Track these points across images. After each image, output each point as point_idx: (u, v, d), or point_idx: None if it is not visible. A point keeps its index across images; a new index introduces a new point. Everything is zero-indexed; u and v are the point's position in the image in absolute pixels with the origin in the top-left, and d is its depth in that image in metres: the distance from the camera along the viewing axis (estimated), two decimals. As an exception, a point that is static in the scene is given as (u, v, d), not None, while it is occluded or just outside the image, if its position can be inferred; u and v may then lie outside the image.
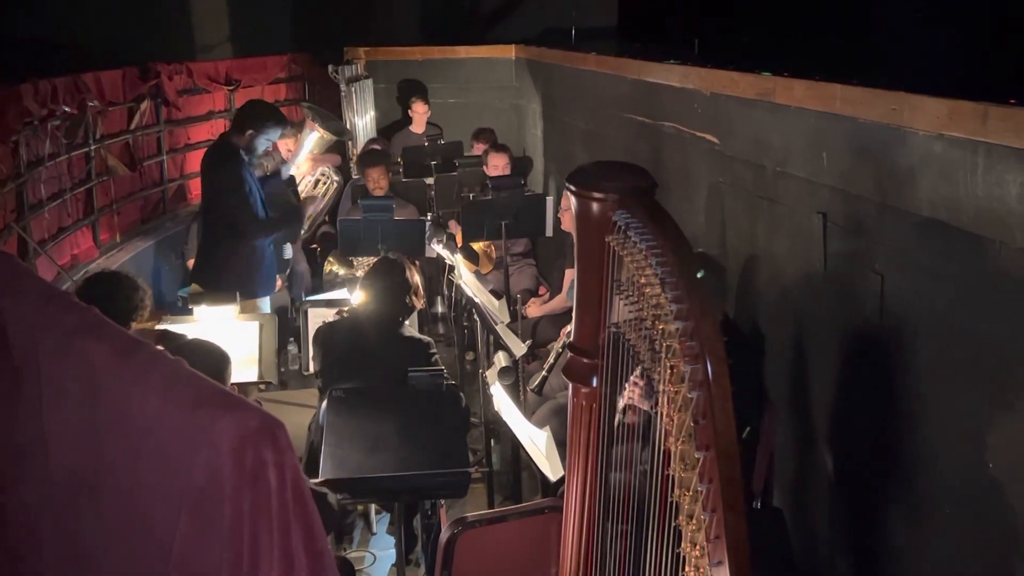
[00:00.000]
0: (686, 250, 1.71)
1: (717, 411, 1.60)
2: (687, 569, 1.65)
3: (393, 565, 4.06)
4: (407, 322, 4.12)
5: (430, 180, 7.24)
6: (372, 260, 6.17)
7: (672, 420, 1.66)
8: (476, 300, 4.60)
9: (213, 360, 2.92)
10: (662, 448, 1.73)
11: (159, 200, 7.13)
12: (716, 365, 1.60)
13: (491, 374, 4.01)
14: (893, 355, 2.98)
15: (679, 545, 1.68)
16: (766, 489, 3.52)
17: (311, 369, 4.49)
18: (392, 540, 4.11)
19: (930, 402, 2.81)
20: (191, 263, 5.59)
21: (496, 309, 4.54)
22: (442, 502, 3.89)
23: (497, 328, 4.30)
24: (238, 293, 4.61)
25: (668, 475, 1.68)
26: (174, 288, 6.28)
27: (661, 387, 1.70)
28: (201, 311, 4.46)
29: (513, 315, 4.83)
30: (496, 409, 3.85)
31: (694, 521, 1.61)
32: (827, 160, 3.31)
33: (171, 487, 0.97)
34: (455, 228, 6.52)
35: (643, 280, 1.71)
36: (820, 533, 3.48)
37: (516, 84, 9.09)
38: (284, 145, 7.40)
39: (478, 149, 7.67)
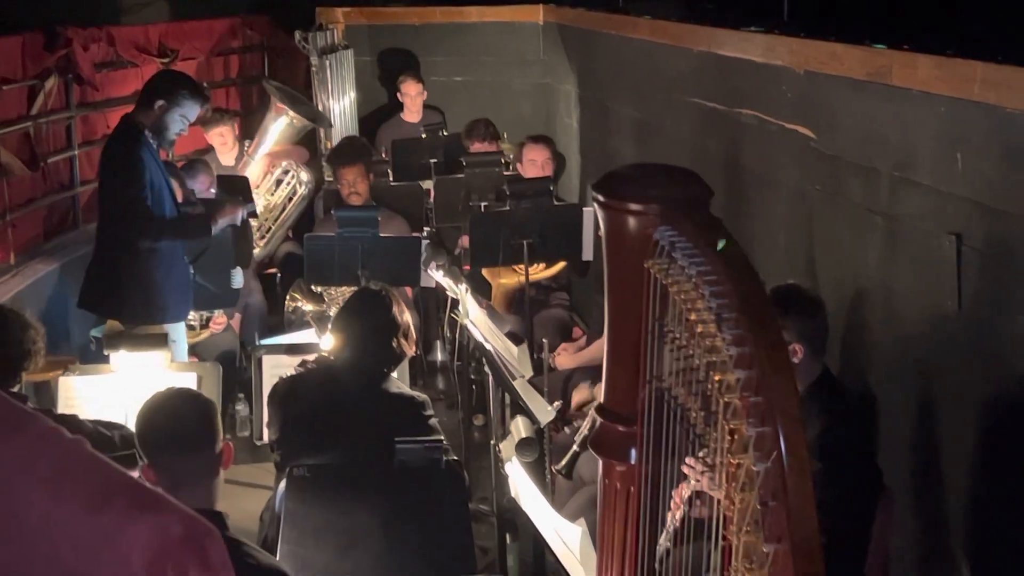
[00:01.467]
0: (751, 278, 1.70)
1: (792, 490, 1.57)
2: None
3: None
4: (394, 374, 4.11)
5: (428, 184, 7.26)
6: (349, 291, 6.25)
7: (732, 503, 1.65)
8: (487, 346, 4.59)
9: (200, 410, 2.96)
10: (720, 542, 1.73)
11: (68, 209, 7.18)
12: (790, 427, 1.58)
13: (507, 447, 3.99)
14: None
15: None
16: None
17: (265, 438, 4.48)
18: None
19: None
20: None
21: (514, 358, 4.51)
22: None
23: (515, 384, 4.28)
24: (167, 336, 4.63)
25: None
26: (85, 326, 6.30)
27: (718, 459, 1.70)
28: (120, 358, 4.48)
29: (537, 367, 4.81)
30: (513, 495, 3.82)
31: None
32: (962, 163, 3.30)
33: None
34: (466, 244, 6.53)
35: (693, 317, 1.71)
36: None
37: (544, 57, 9.14)
38: (219, 139, 7.45)
39: (478, 150, 7.63)
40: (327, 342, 4.38)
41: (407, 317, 4.10)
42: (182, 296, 5.31)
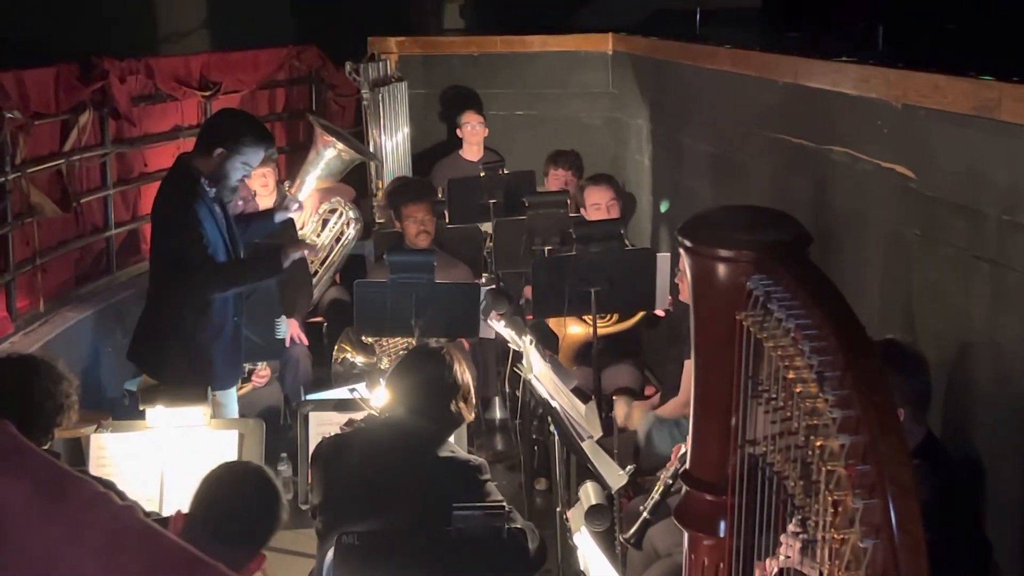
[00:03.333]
0: (857, 331, 1.67)
1: (904, 570, 1.53)
2: None
3: None
4: (451, 438, 4.09)
5: (487, 227, 7.28)
6: (402, 343, 6.26)
7: None
8: (553, 403, 4.57)
9: (264, 494, 3.00)
10: None
11: (101, 252, 7.26)
12: (902, 499, 1.55)
13: (575, 516, 3.97)
14: None
15: None
16: None
17: (311, 501, 4.48)
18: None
19: None
20: None
21: (582, 417, 4.50)
22: None
23: (584, 446, 4.26)
24: (208, 389, 4.66)
25: None
26: (119, 379, 6.35)
27: (820, 533, 1.67)
28: (156, 414, 4.51)
29: (607, 426, 4.79)
30: (583, 569, 3.80)
31: None
32: (1078, 205, 3.26)
33: None
34: (529, 295, 6.53)
35: (791, 375, 1.70)
36: None
37: (614, 90, 9.16)
38: (260, 181, 7.44)
39: (556, 181, 7.69)
40: (378, 398, 4.38)
41: (467, 378, 4.08)
42: (231, 361, 5.30)
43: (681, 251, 1.98)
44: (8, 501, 1.01)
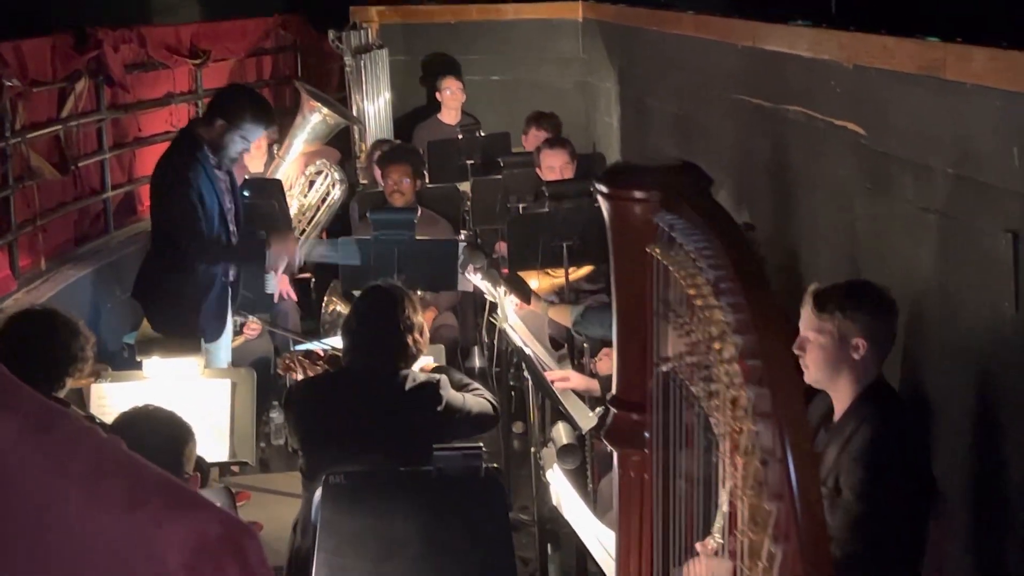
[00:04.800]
0: (746, 249, 1.80)
1: (792, 448, 1.62)
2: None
3: None
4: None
5: (465, 186, 7.27)
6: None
7: (737, 469, 1.73)
8: (527, 351, 4.58)
9: (169, 435, 2.95)
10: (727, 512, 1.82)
11: (99, 214, 7.22)
12: (787, 388, 1.65)
13: (548, 455, 3.98)
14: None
15: None
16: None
17: (290, 445, 4.50)
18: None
19: None
20: None
21: (555, 363, 4.51)
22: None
23: (556, 390, 4.28)
24: (202, 341, 4.66)
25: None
26: (118, 333, 6.34)
27: (721, 429, 1.77)
28: (153, 365, 4.51)
29: (578, 372, 4.80)
30: (555, 503, 3.82)
31: None
32: (1020, 158, 3.26)
33: (98, 617, 0.96)
34: (503, 250, 6.53)
35: (693, 292, 1.81)
36: None
37: (584, 55, 9.13)
38: (254, 144, 7.43)
39: (535, 140, 7.66)
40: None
41: (420, 318, 4.08)
42: (217, 315, 5.33)
43: (598, 197, 2.07)
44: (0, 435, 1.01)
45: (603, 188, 2.04)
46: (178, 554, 0.92)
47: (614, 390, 2.10)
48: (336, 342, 5.16)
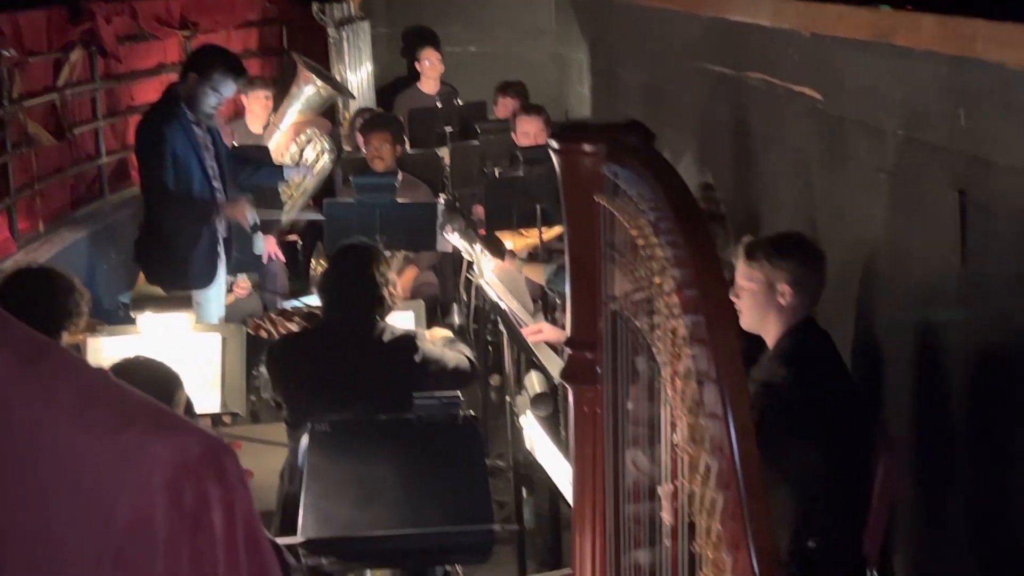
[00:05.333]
0: (684, 192, 1.87)
1: (725, 370, 1.70)
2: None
3: (396, 653, 4.06)
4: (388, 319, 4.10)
5: (444, 152, 7.25)
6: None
7: (677, 395, 1.80)
8: (502, 306, 4.60)
9: (159, 382, 2.94)
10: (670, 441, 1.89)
11: (94, 179, 7.19)
12: (721, 314, 1.74)
13: (522, 402, 4.00)
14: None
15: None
16: (884, 554, 3.48)
17: (272, 398, 4.50)
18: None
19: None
20: None
21: (529, 318, 4.53)
22: (458, 569, 3.88)
23: (530, 343, 4.29)
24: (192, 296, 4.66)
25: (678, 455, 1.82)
26: (113, 292, 6.33)
27: (663, 357, 1.84)
28: (146, 320, 4.50)
29: (551, 325, 4.81)
30: (528, 448, 3.84)
31: (706, 504, 1.74)
32: (965, 120, 3.28)
33: (88, 534, 0.97)
34: (480, 213, 6.53)
35: (636, 233, 1.87)
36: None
37: (557, 27, 9.09)
38: (260, 102, 7.44)
39: (504, 108, 7.66)
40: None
41: (392, 275, 4.07)
42: (206, 264, 5.34)
43: (551, 152, 2.11)
44: (-9, 367, 1.02)
45: (555, 144, 2.09)
46: (162, 472, 0.93)
47: (568, 332, 2.15)
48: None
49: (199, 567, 0.92)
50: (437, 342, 4.23)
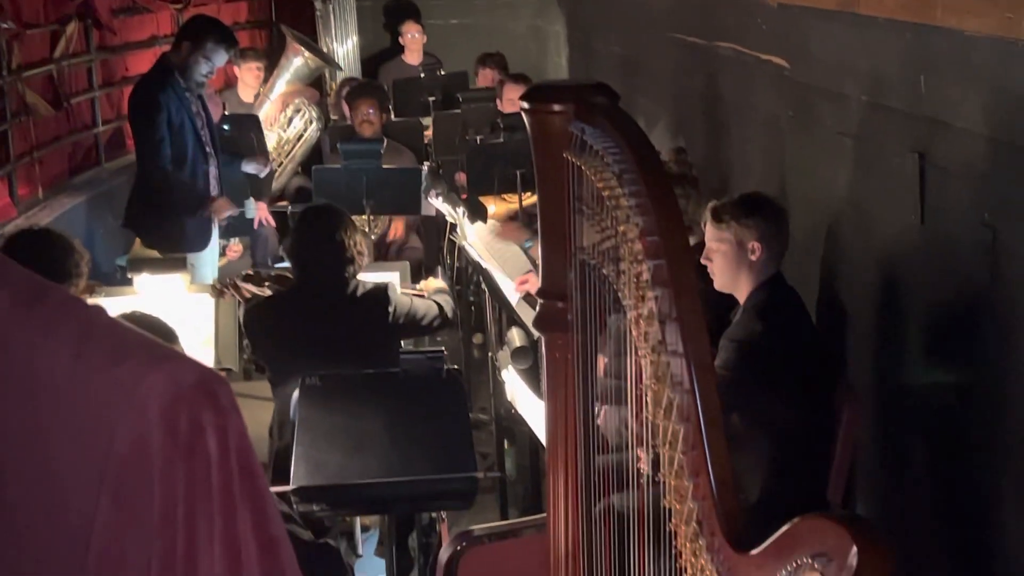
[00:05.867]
0: (646, 148, 1.90)
1: (685, 310, 1.77)
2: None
3: (383, 595, 4.08)
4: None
5: (427, 120, 7.23)
6: (361, 220, 6.23)
7: (641, 336, 1.85)
8: (484, 266, 4.59)
9: (155, 335, 2.93)
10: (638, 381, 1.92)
11: (91, 147, 7.13)
12: (680, 258, 1.80)
13: (503, 357, 4.00)
14: (1009, 328, 2.96)
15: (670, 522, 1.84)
16: (847, 497, 3.51)
17: (253, 359, 4.48)
18: (382, 563, 4.14)
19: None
20: None
21: (507, 278, 4.53)
22: (443, 515, 3.89)
23: (510, 300, 4.29)
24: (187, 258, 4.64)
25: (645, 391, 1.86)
26: (111, 255, 6.30)
27: (628, 301, 1.88)
28: (143, 281, 4.47)
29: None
30: (510, 399, 3.85)
31: (669, 436, 1.80)
32: (926, 86, 3.28)
33: (88, 463, 0.97)
34: (463, 180, 6.51)
35: (600, 184, 1.90)
36: (915, 549, 3.46)
37: (535, 0, 9.04)
38: (252, 73, 7.40)
39: (485, 79, 7.63)
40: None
41: (359, 238, 4.04)
42: (200, 228, 5.32)
43: (522, 113, 2.12)
44: (-7, 306, 1.01)
45: (526, 104, 2.11)
46: (157, 400, 0.93)
47: (540, 283, 2.17)
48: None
49: (194, 489, 0.92)
50: (430, 291, 4.23)
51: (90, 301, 4.14)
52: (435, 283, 4.52)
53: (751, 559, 1.70)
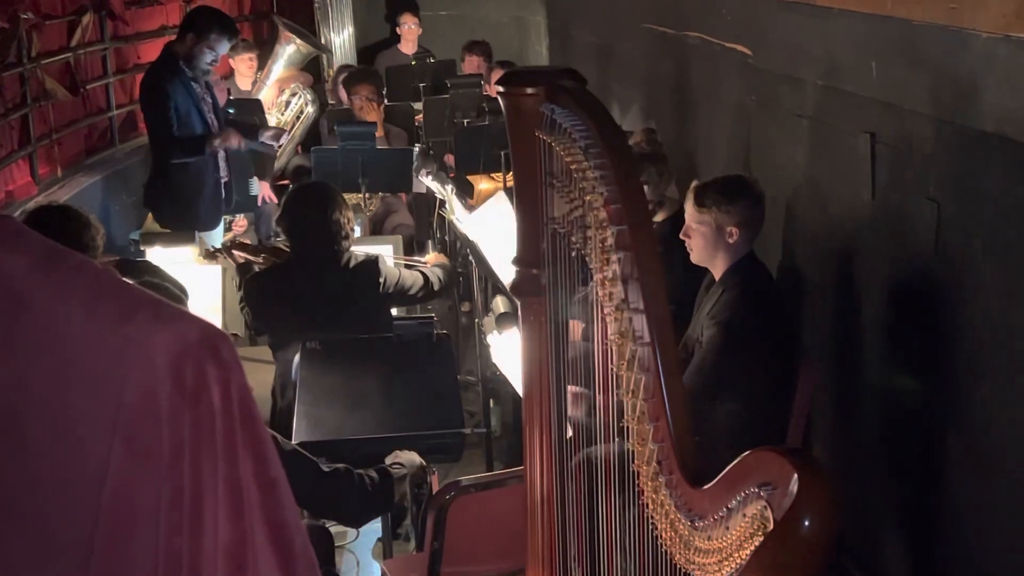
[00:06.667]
0: (611, 126, 1.92)
1: (645, 271, 1.80)
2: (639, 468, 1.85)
3: (379, 540, 4.09)
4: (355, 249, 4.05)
5: (418, 105, 7.20)
6: (356, 197, 6.22)
7: (606, 295, 1.88)
8: (471, 239, 4.58)
9: (167, 295, 2.92)
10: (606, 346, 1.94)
11: (106, 129, 7.09)
12: (641, 224, 1.83)
13: (488, 323, 4.01)
14: (952, 295, 2.97)
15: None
16: (803, 448, 3.53)
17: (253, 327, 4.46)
18: (388, 511, 4.17)
19: (993, 348, 2.80)
20: None
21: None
22: (433, 468, 3.90)
23: (495, 270, 4.29)
24: (196, 233, 4.63)
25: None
26: (125, 230, 6.27)
27: (594, 265, 1.91)
28: (155, 254, 4.46)
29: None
30: (495, 362, 3.85)
31: (631, 385, 1.83)
32: (876, 71, 3.28)
33: (102, 412, 0.97)
34: (451, 161, 6.49)
35: (568, 159, 1.93)
36: (865, 501, 3.50)
37: (518, -7, 9.00)
38: (246, 63, 7.36)
39: (471, 65, 7.60)
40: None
41: (349, 213, 4.02)
42: (211, 208, 5.29)
43: (498, 96, 2.15)
44: (14, 272, 1.02)
45: (501, 88, 2.13)
46: (164, 355, 0.93)
47: (515, 252, 2.19)
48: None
49: (199, 435, 0.93)
50: (430, 264, 4.25)
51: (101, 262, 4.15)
52: (438, 258, 4.54)
53: (705, 492, 1.74)
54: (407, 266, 4.31)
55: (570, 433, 2.32)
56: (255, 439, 0.94)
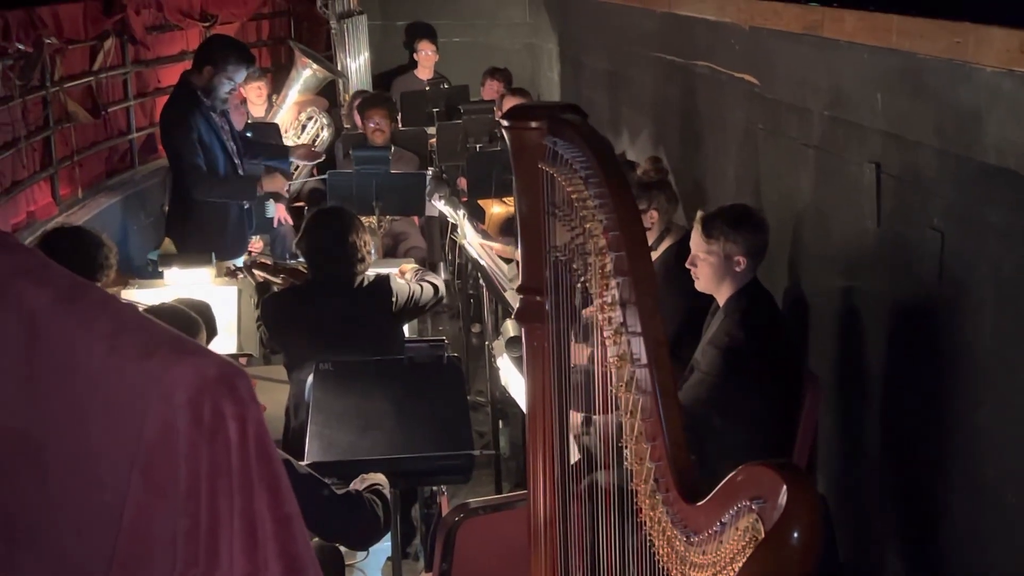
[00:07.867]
0: (611, 158, 1.95)
1: (641, 295, 1.83)
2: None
3: (388, 559, 4.09)
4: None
5: (432, 129, 7.22)
6: (369, 219, 6.24)
7: (605, 320, 1.91)
8: (482, 262, 4.59)
9: (181, 326, 2.92)
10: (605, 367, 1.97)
11: (126, 151, 7.13)
12: (638, 250, 1.86)
13: (498, 345, 4.01)
14: (954, 323, 2.97)
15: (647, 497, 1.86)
16: (807, 472, 3.52)
17: (268, 346, 4.47)
18: (387, 532, 4.15)
19: (996, 376, 2.80)
20: None
21: (504, 272, 4.53)
22: (443, 489, 3.90)
23: (506, 295, 4.30)
24: (213, 255, 4.63)
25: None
26: (143, 251, 6.29)
27: (594, 290, 1.94)
28: (172, 275, 4.47)
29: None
30: (504, 385, 3.85)
31: (630, 406, 1.86)
32: (881, 102, 3.29)
33: (121, 445, 0.97)
34: (463, 185, 6.50)
35: (570, 188, 1.96)
36: (868, 523, 3.48)
37: (530, 21, 9.04)
38: (255, 91, 7.39)
39: (490, 90, 7.62)
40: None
41: (367, 237, 4.03)
42: (236, 236, 5.27)
43: (503, 132, 2.17)
44: (37, 304, 1.02)
45: (506, 122, 2.16)
46: (183, 391, 0.94)
47: (520, 280, 2.21)
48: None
49: (216, 471, 0.93)
50: (407, 274, 4.25)
51: (123, 294, 4.15)
52: (409, 266, 4.50)
53: (700, 508, 1.75)
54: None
55: (576, 457, 2.32)
56: (270, 474, 0.95)
